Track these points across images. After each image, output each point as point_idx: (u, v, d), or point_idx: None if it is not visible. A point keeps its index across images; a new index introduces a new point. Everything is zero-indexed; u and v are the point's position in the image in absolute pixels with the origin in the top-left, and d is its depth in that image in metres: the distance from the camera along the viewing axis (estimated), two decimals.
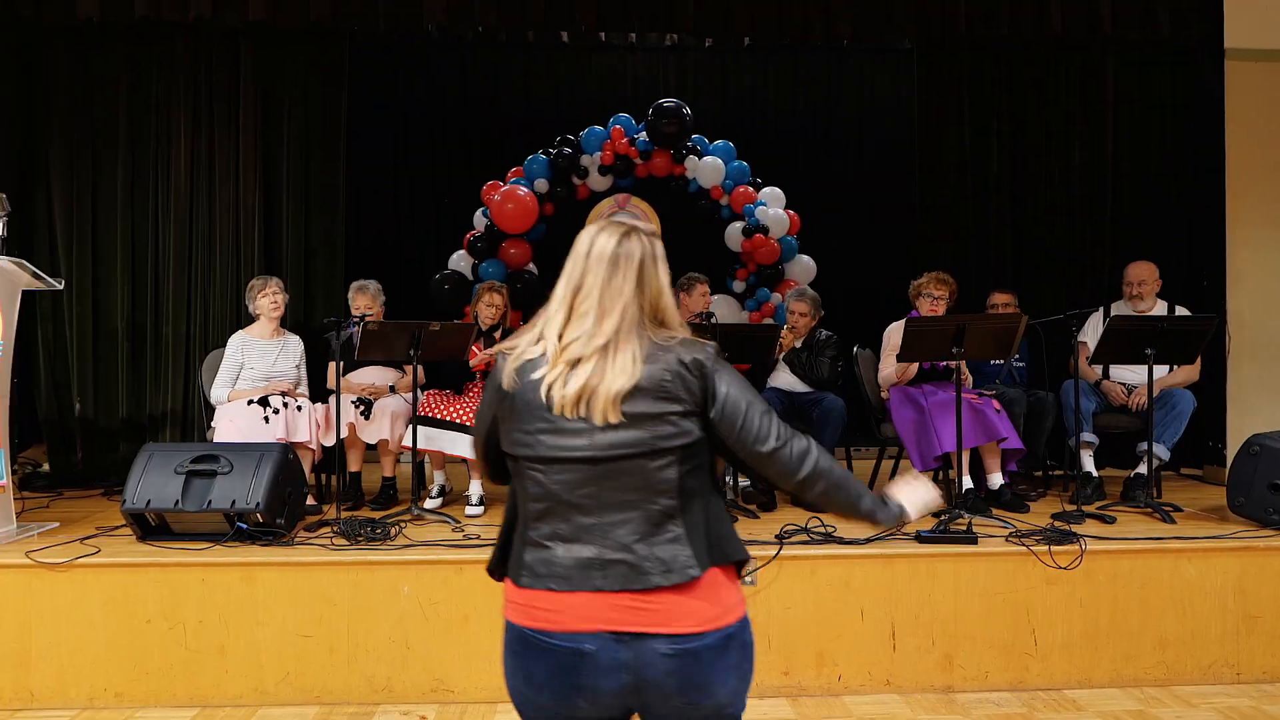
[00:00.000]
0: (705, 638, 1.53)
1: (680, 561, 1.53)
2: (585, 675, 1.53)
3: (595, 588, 1.53)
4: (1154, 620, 3.62)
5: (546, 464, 1.55)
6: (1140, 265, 4.81)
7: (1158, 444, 4.46)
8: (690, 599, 1.54)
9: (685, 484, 1.56)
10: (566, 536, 1.55)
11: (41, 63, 5.01)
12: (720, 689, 1.57)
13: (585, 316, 1.55)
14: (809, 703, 3.50)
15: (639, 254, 1.60)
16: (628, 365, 1.52)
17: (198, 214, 5.07)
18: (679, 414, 1.54)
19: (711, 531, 1.59)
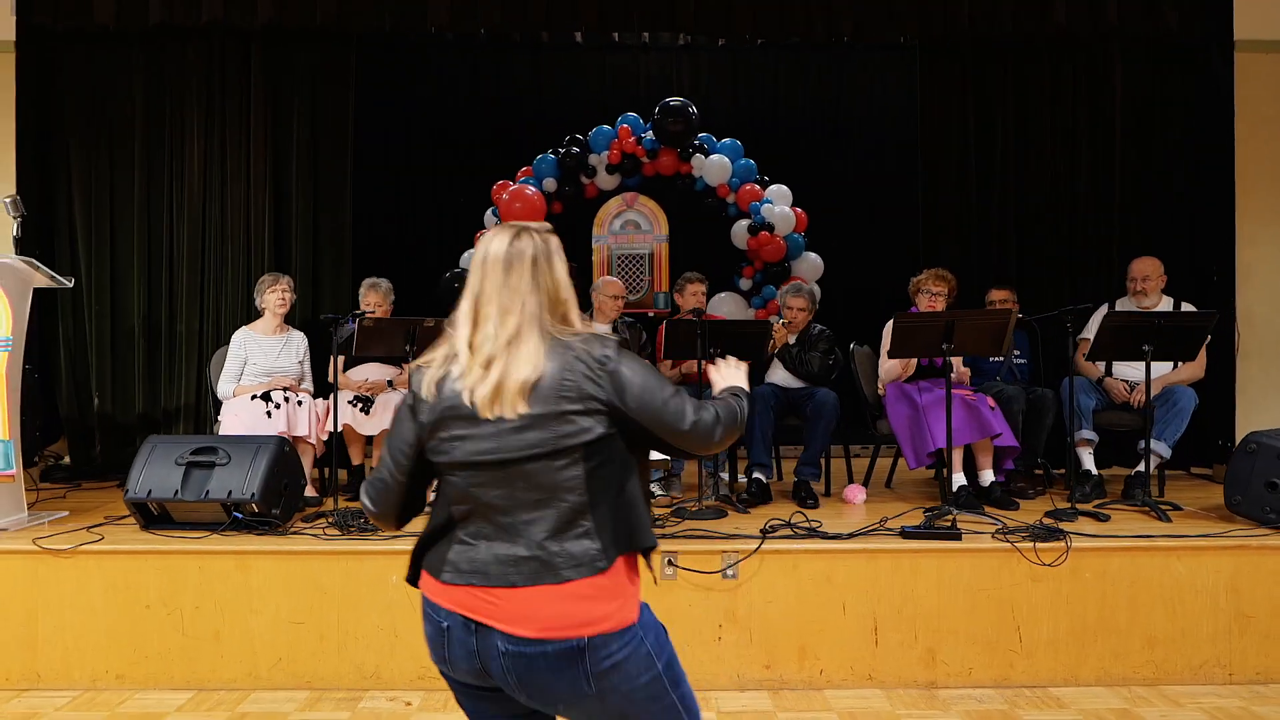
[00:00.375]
0: (544, 645, 1.57)
1: (589, 555, 1.60)
2: (447, 648, 1.65)
3: (511, 583, 1.59)
4: (1143, 618, 3.59)
5: (464, 469, 1.62)
6: (1144, 261, 4.75)
7: (1159, 441, 4.41)
8: (551, 602, 1.58)
9: (593, 480, 1.61)
10: (489, 535, 1.63)
11: (60, 68, 5.19)
12: (564, 699, 1.62)
13: (489, 319, 1.61)
14: (789, 696, 3.52)
15: (530, 252, 1.66)
16: (531, 356, 1.58)
17: (210, 213, 5.22)
18: (580, 412, 1.58)
19: (621, 523, 1.64)
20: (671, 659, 1.75)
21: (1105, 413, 4.71)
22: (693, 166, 6.21)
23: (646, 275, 6.56)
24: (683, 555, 3.59)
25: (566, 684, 1.61)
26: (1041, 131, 5.37)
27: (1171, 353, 4.24)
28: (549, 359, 1.59)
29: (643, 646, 1.66)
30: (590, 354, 1.60)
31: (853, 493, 4.53)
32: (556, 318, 1.65)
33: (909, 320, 4.03)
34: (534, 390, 1.57)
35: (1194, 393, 4.46)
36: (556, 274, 1.67)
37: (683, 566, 3.57)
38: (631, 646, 1.64)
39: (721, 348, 4.26)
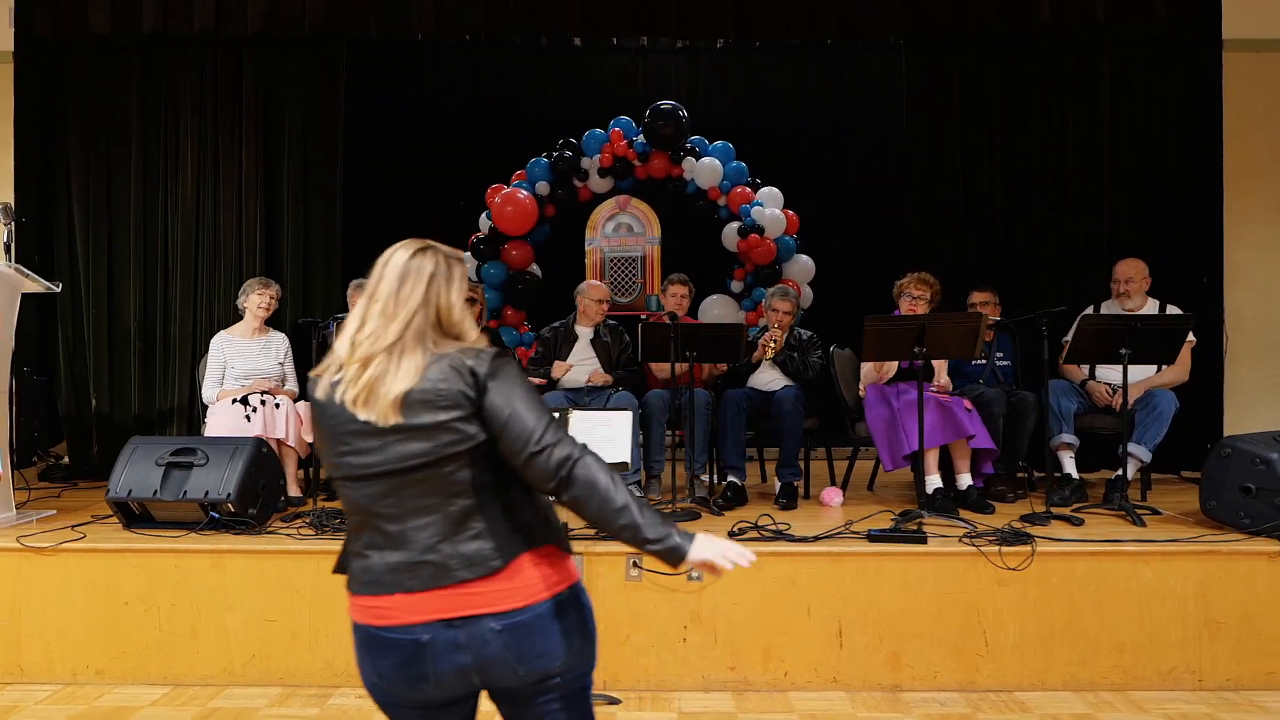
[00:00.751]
0: (536, 608, 1.64)
1: (482, 555, 1.63)
2: (427, 663, 1.64)
3: (407, 589, 1.63)
4: (1111, 624, 3.57)
5: (353, 481, 1.66)
6: (1127, 263, 4.72)
7: (1139, 445, 4.39)
8: (506, 582, 1.64)
9: (479, 483, 1.64)
10: (381, 545, 1.66)
11: (59, 77, 5.32)
12: (558, 652, 1.67)
13: (374, 319, 1.65)
14: (753, 697, 3.55)
15: (430, 269, 1.69)
16: (411, 369, 1.61)
17: (204, 218, 5.33)
18: (459, 419, 1.61)
19: (514, 522, 1.67)
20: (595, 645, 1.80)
21: (1087, 416, 4.68)
22: (684, 169, 6.24)
23: (639, 278, 6.60)
24: (648, 557, 3.61)
25: (559, 638, 1.65)
26: (1031, 131, 5.33)
27: (1150, 356, 4.21)
28: (427, 369, 1.62)
29: (580, 619, 1.72)
30: (465, 362, 1.63)
31: (830, 495, 4.54)
32: (446, 337, 1.68)
33: (879, 324, 4.03)
34: (409, 402, 1.60)
35: (1174, 397, 4.42)
36: (451, 296, 1.70)
37: (648, 569, 3.60)
38: (571, 617, 1.69)
39: (697, 350, 4.33)
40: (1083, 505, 4.35)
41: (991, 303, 4.95)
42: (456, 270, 1.75)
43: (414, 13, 4.96)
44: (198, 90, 5.30)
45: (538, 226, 6.41)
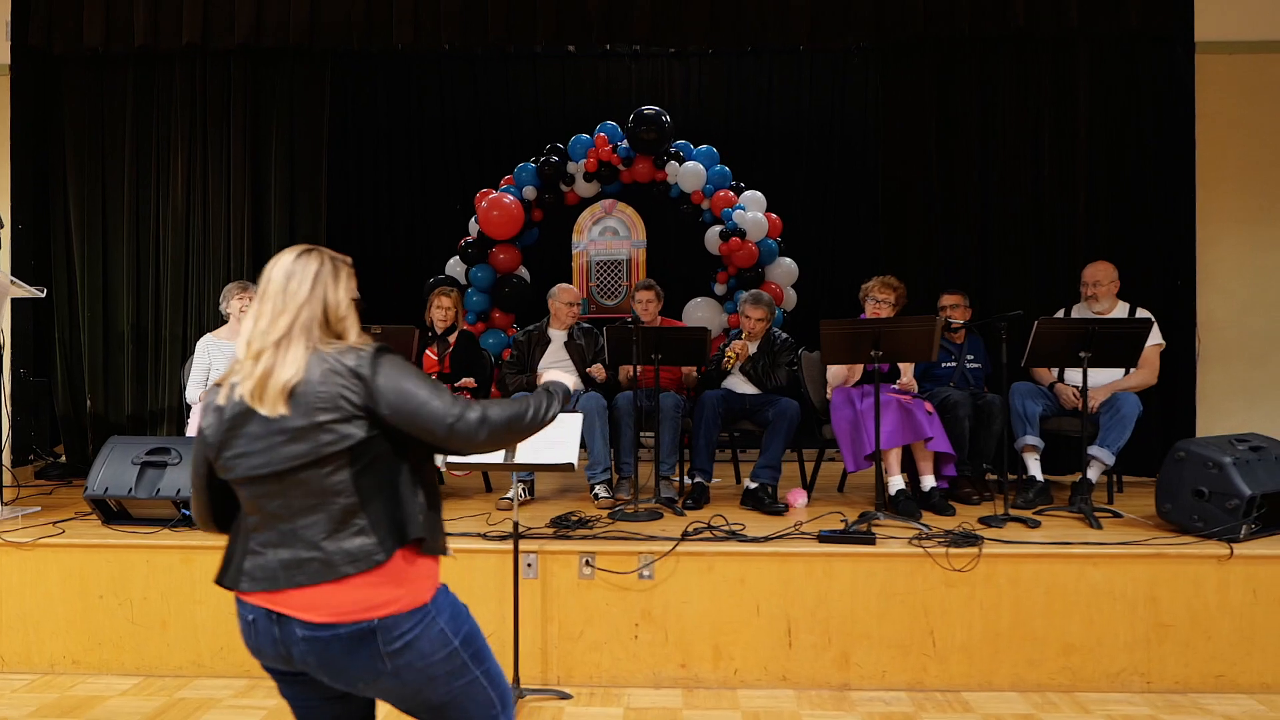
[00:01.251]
0: (336, 629, 1.71)
1: (366, 550, 1.73)
2: (256, 639, 1.79)
3: (297, 584, 1.73)
4: (1058, 625, 3.60)
5: (246, 483, 1.77)
6: (1095, 266, 4.73)
7: (1102, 448, 4.40)
8: (342, 590, 1.72)
9: (361, 481, 1.74)
10: (274, 543, 1.76)
11: (58, 88, 5.51)
12: (362, 679, 1.76)
13: (264, 317, 1.77)
14: (702, 694, 3.62)
15: (314, 268, 1.82)
16: (296, 359, 1.73)
17: (193, 225, 5.49)
18: (339, 420, 1.71)
19: (395, 518, 1.77)
20: (471, 637, 1.87)
21: (1055, 419, 4.70)
22: (667, 174, 6.31)
23: (625, 281, 6.68)
24: (601, 556, 3.70)
25: (362, 664, 1.74)
26: (1005, 133, 5.34)
27: (1109, 359, 4.23)
28: (310, 367, 1.72)
29: (435, 625, 1.79)
30: (344, 363, 1.73)
31: (794, 496, 4.58)
32: (331, 335, 1.80)
33: (835, 328, 4.09)
34: (294, 396, 1.70)
35: (1138, 400, 4.42)
36: (338, 294, 1.82)
37: (600, 567, 3.69)
38: (423, 626, 1.77)
39: (662, 354, 4.41)
40: (1046, 508, 4.37)
41: (961, 305, 4.97)
42: (343, 270, 1.86)
43: (393, 25, 5.08)
44: (188, 101, 5.46)
45: (525, 230, 6.52)
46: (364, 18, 5.11)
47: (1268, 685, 3.57)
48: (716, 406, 4.62)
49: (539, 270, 6.66)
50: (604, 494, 4.61)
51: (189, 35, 5.16)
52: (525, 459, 3.36)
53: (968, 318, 4.95)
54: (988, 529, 3.94)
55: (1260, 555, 3.60)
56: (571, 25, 5.04)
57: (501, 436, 1.83)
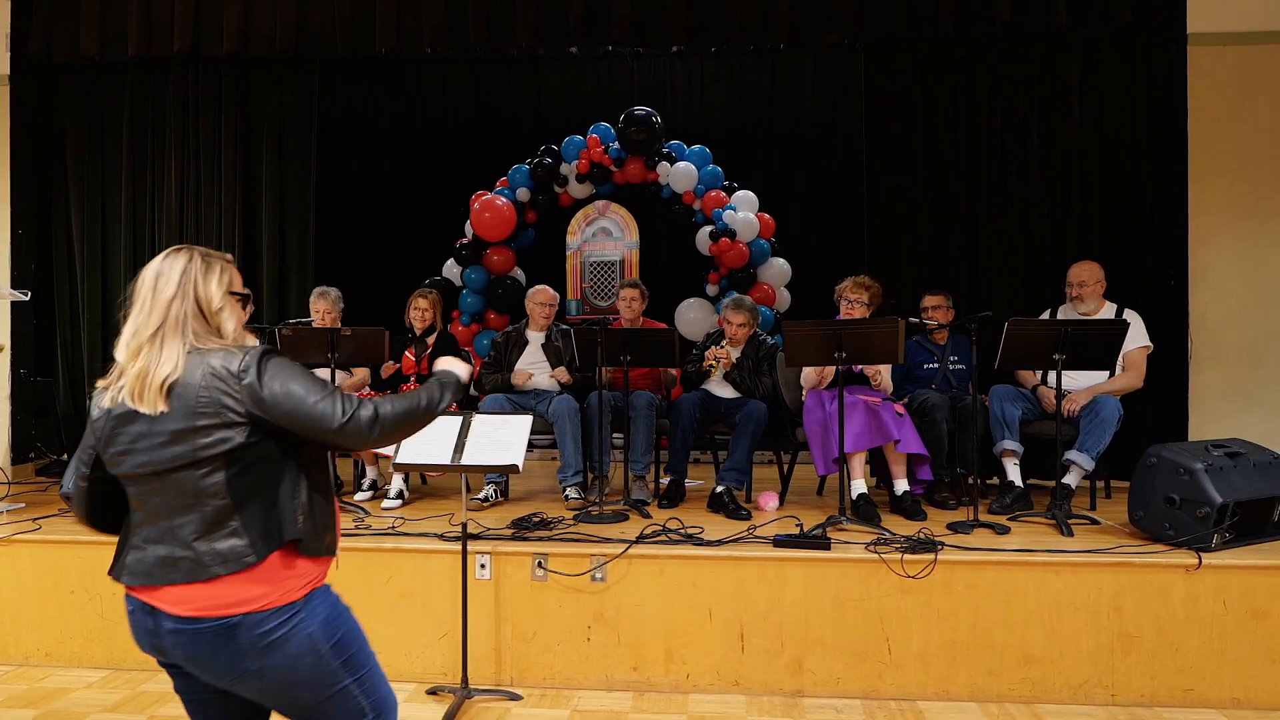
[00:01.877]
0: (200, 623, 1.74)
1: (237, 552, 1.75)
2: (133, 630, 1.83)
3: (172, 581, 1.76)
4: (1018, 635, 3.51)
5: (129, 480, 1.80)
6: (1080, 266, 4.60)
7: (1081, 453, 4.29)
8: (210, 587, 1.74)
9: (236, 484, 1.76)
10: (154, 539, 1.80)
11: (60, 97, 5.67)
12: (228, 674, 1.77)
13: (136, 317, 1.80)
14: (653, 698, 3.60)
15: (183, 264, 1.84)
16: (172, 356, 1.75)
17: (187, 229, 5.62)
18: (217, 425, 1.73)
19: (271, 521, 1.79)
20: (346, 644, 1.87)
21: (1037, 423, 4.59)
22: (659, 174, 6.29)
23: (617, 281, 6.67)
24: (553, 558, 3.70)
25: (226, 659, 1.76)
26: (994, 132, 5.23)
27: (1084, 362, 4.11)
28: (188, 366, 1.75)
29: (305, 627, 1.81)
30: (227, 369, 1.75)
31: (765, 499, 4.54)
32: (208, 330, 1.82)
33: (796, 329, 4.03)
34: (173, 394, 1.73)
35: (1118, 403, 4.29)
36: (209, 289, 1.84)
37: (552, 569, 3.69)
38: (291, 626, 1.79)
39: (632, 355, 4.39)
40: (1023, 513, 4.26)
41: (944, 306, 4.88)
42: (215, 265, 1.88)
43: (376, 30, 5.14)
44: (181, 109, 5.59)
45: (520, 232, 6.55)
46: (349, 23, 5.18)
47: (1238, 700, 3.44)
48: (693, 409, 4.59)
49: (534, 271, 6.68)
50: (575, 495, 4.61)
51: (180, 43, 5.28)
52: (471, 461, 3.38)
53: (950, 319, 4.86)
54: (953, 535, 3.86)
55: (1231, 565, 3.47)
56: (550, 27, 5.05)
57: (393, 432, 1.85)
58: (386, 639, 3.74)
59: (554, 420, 4.63)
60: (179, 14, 5.27)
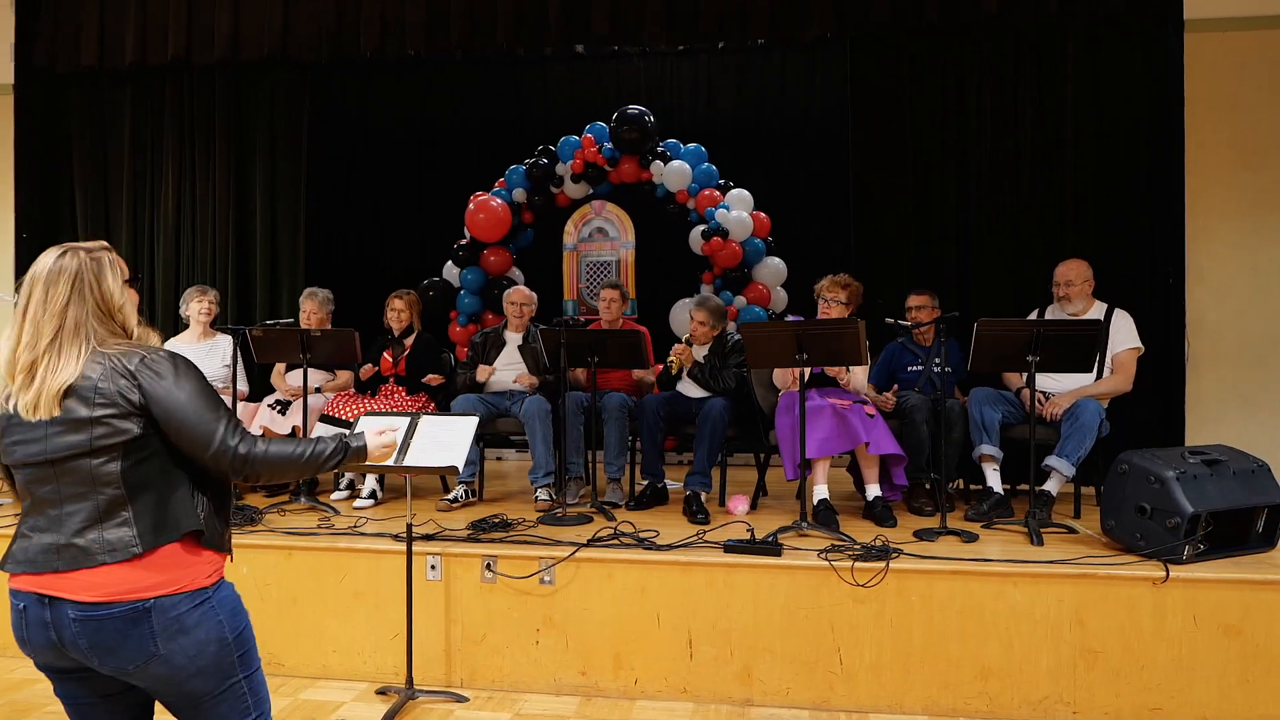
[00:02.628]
0: (111, 607, 1.74)
1: (124, 542, 1.76)
2: (25, 629, 1.80)
3: (54, 569, 1.76)
4: (974, 647, 3.39)
5: (20, 468, 1.81)
6: (1067, 264, 4.43)
7: (1060, 458, 4.12)
8: (115, 571, 1.75)
9: (131, 476, 1.77)
10: (42, 527, 1.80)
11: (65, 104, 5.84)
12: (134, 660, 1.77)
13: (28, 330, 1.77)
14: (600, 704, 3.55)
15: (75, 268, 1.80)
16: (70, 363, 1.74)
17: (183, 234, 5.74)
18: (114, 415, 1.74)
19: (167, 513, 1.80)
20: (244, 639, 1.89)
21: (1020, 426, 4.42)
22: (652, 173, 6.23)
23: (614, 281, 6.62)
24: (503, 560, 3.68)
25: (135, 644, 1.76)
26: (984, 126, 5.05)
27: (1060, 364, 3.95)
28: (90, 366, 1.75)
29: (215, 615, 1.83)
30: (125, 364, 1.76)
31: (734, 503, 4.46)
32: (111, 329, 1.81)
33: (754, 330, 3.95)
34: (71, 394, 1.73)
35: (1099, 407, 4.11)
36: (105, 288, 1.81)
37: (501, 571, 3.67)
38: (202, 611, 1.81)
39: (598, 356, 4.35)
40: (1000, 521, 4.12)
41: (929, 306, 4.74)
42: (105, 260, 1.85)
43: (360, 34, 5.18)
44: (177, 115, 5.71)
45: (517, 232, 6.55)
46: (333, 28, 5.23)
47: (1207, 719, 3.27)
48: (657, 409, 4.54)
49: (533, 272, 6.68)
50: (545, 497, 4.58)
51: (174, 50, 5.40)
52: (413, 462, 3.37)
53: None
54: (916, 543, 3.74)
55: (1202, 579, 3.30)
56: (530, 27, 5.04)
57: (264, 473, 1.86)
58: (340, 638, 3.77)
59: (525, 421, 4.61)
60: (172, 22, 5.39)
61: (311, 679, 3.76)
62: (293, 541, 3.87)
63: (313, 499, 4.52)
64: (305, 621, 3.80)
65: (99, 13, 5.47)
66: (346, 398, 4.82)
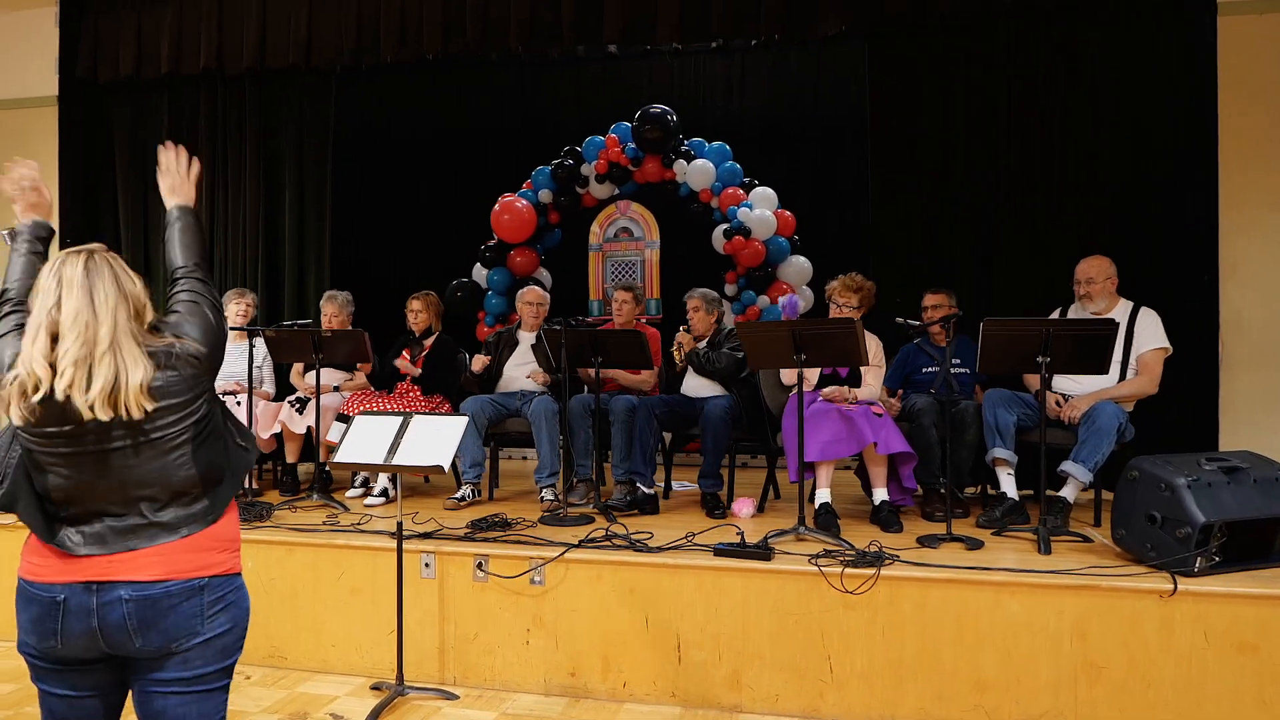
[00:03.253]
0: (169, 585, 1.78)
1: (203, 511, 1.84)
2: (61, 620, 1.78)
3: (130, 547, 1.79)
4: (970, 658, 3.27)
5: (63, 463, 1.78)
6: (1088, 261, 4.24)
7: (1076, 463, 3.94)
8: (180, 547, 1.80)
9: (199, 454, 1.83)
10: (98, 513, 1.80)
11: (108, 115, 6.08)
12: (180, 637, 1.80)
13: (76, 330, 1.73)
14: (588, 705, 3.54)
15: (107, 270, 1.80)
16: (140, 359, 1.75)
17: (217, 237, 5.92)
18: (188, 400, 1.81)
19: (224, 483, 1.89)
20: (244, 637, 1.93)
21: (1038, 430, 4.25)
22: (675, 172, 6.19)
23: (639, 282, 6.59)
24: (494, 560, 3.70)
25: (184, 620, 1.80)
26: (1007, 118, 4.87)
27: (1072, 365, 3.79)
28: (151, 361, 1.77)
29: (245, 599, 1.92)
30: (187, 351, 1.82)
31: (740, 506, 4.39)
32: (142, 328, 1.81)
33: (751, 331, 3.88)
34: (152, 391, 1.75)
35: (1118, 409, 3.92)
36: (137, 288, 1.84)
37: (492, 571, 3.68)
38: (239, 593, 1.90)
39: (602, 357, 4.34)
40: (1013, 528, 3.97)
41: (945, 305, 4.59)
42: (121, 262, 1.87)
43: (380, 39, 5.27)
44: (210, 122, 5.90)
45: (544, 233, 6.58)
46: (354, 34, 5.33)
47: None
48: (650, 410, 4.49)
49: (560, 272, 6.70)
50: (550, 497, 4.59)
51: (205, 60, 5.57)
52: (401, 461, 3.41)
53: None
54: (917, 549, 3.63)
55: (1213, 593, 3.12)
56: (543, 29, 5.05)
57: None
58: (338, 634, 3.83)
59: (532, 421, 4.62)
60: (204, 33, 5.56)
61: (311, 673, 3.84)
62: (293, 537, 3.95)
63: (326, 496, 4.60)
64: (306, 616, 3.87)
65: (136, 25, 5.67)
66: (363, 396, 4.90)
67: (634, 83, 7.31)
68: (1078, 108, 4.73)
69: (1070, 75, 4.72)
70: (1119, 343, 4.17)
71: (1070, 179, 4.76)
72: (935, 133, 4.98)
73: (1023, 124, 4.83)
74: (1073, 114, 4.74)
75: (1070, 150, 4.76)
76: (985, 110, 4.90)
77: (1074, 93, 4.73)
